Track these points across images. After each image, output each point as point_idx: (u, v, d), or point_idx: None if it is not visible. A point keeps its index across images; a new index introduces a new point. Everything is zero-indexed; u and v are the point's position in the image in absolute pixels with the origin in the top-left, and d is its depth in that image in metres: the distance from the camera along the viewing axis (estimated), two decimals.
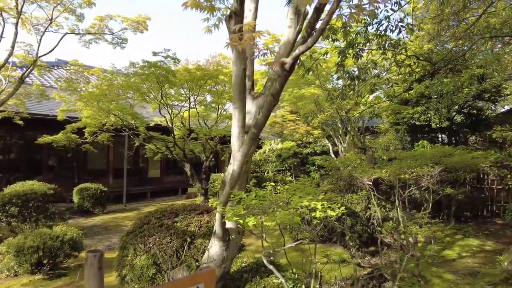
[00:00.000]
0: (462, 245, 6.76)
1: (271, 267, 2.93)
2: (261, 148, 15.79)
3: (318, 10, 2.05)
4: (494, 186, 9.03)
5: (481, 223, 8.49)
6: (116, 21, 10.83)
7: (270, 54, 2.41)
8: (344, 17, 2.12)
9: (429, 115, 8.70)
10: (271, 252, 3.14)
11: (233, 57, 3.04)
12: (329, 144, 12.88)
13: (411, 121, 9.23)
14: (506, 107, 14.04)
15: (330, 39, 5.62)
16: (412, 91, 8.88)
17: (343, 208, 2.47)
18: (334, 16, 2.06)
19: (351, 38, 5.12)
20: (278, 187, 3.03)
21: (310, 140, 15.43)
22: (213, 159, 11.05)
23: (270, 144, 15.39)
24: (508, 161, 8.13)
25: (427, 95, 8.83)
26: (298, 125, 14.75)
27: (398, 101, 9.45)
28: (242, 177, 3.13)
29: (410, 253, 4.69)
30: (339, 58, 4.53)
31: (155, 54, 9.15)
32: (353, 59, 4.92)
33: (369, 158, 7.75)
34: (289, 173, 16.14)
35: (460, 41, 6.74)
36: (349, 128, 9.22)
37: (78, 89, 10.52)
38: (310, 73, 5.83)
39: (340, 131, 10.90)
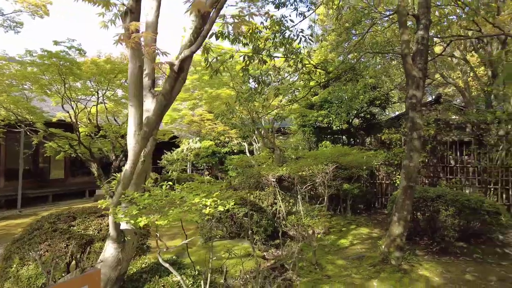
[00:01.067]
0: (355, 234, 7.64)
1: (166, 265, 2.97)
2: (178, 147, 15.53)
3: (203, 17, 2.18)
4: (383, 181, 10.40)
5: (373, 214, 9.71)
6: (7, 1, 9.56)
7: (161, 55, 2.47)
8: (229, 25, 2.28)
9: (331, 118, 9.63)
10: (164, 249, 3.17)
11: (128, 54, 3.00)
12: (245, 144, 13.29)
13: (316, 123, 10.09)
14: (397, 113, 16.21)
15: (241, 44, 5.88)
16: (317, 96, 9.72)
17: (232, 203, 2.64)
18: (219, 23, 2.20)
19: (259, 43, 5.43)
20: (176, 185, 3.08)
21: (228, 139, 15.70)
22: (124, 158, 10.48)
23: (188, 143, 15.23)
24: (394, 159, 9.44)
25: (330, 100, 9.77)
26: (216, 124, 14.89)
27: (305, 105, 10.26)
28: (139, 177, 3.10)
29: (300, 243, 5.15)
30: (244, 63, 4.76)
31: (56, 43, 8.30)
32: (259, 64, 5.22)
33: (277, 157, 8.26)
34: (207, 172, 16.19)
35: (355, 54, 7.61)
36: (261, 130, 9.67)
37: None
38: (226, 74, 6.00)
39: (255, 132, 11.35)
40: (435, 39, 8.50)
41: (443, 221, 5.88)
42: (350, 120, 10.18)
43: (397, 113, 16.30)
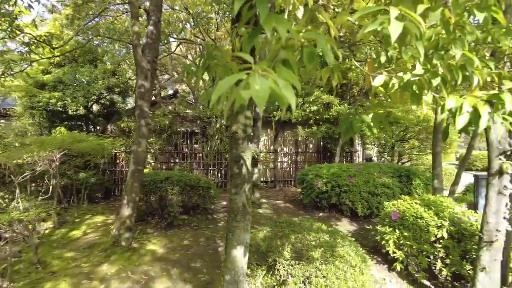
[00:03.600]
0: (89, 223, 7.38)
1: None
2: None
3: None
4: (124, 169, 10.58)
5: (111, 201, 9.68)
6: None
7: None
8: None
9: (67, 102, 8.75)
10: None
11: None
12: None
13: (48, 106, 8.84)
14: None
15: None
16: (50, 75, 8.53)
17: None
18: None
19: None
20: None
21: None
22: None
23: None
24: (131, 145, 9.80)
25: (65, 81, 8.83)
26: None
27: (33, 83, 8.76)
28: None
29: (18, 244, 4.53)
30: None
31: None
32: None
33: None
34: None
35: (92, 36, 7.27)
36: None
37: None
38: None
39: None
40: (171, 38, 9.47)
41: (170, 200, 6.76)
42: (89, 106, 9.62)
43: None
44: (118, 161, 10.48)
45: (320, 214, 7.78)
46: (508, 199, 3.36)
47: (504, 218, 3.36)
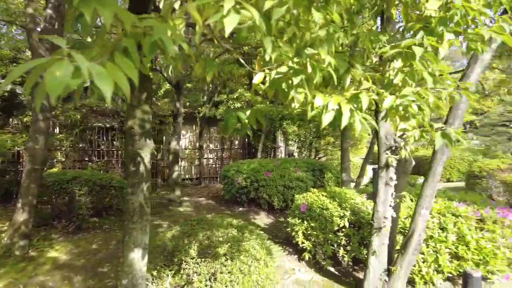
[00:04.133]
0: None
1: None
2: None
3: None
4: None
5: (13, 205, 8.55)
6: None
7: None
8: None
9: None
10: None
11: None
12: None
13: None
14: None
15: None
16: None
17: None
18: None
19: None
20: None
21: None
22: None
23: None
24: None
25: None
26: None
27: None
28: None
29: None
30: None
31: None
32: None
33: None
34: None
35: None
36: None
37: None
38: None
39: None
40: None
41: (79, 201, 6.21)
42: None
43: None
44: (21, 160, 9.31)
45: (240, 209, 7.88)
46: (393, 189, 3.75)
47: (390, 206, 3.75)
